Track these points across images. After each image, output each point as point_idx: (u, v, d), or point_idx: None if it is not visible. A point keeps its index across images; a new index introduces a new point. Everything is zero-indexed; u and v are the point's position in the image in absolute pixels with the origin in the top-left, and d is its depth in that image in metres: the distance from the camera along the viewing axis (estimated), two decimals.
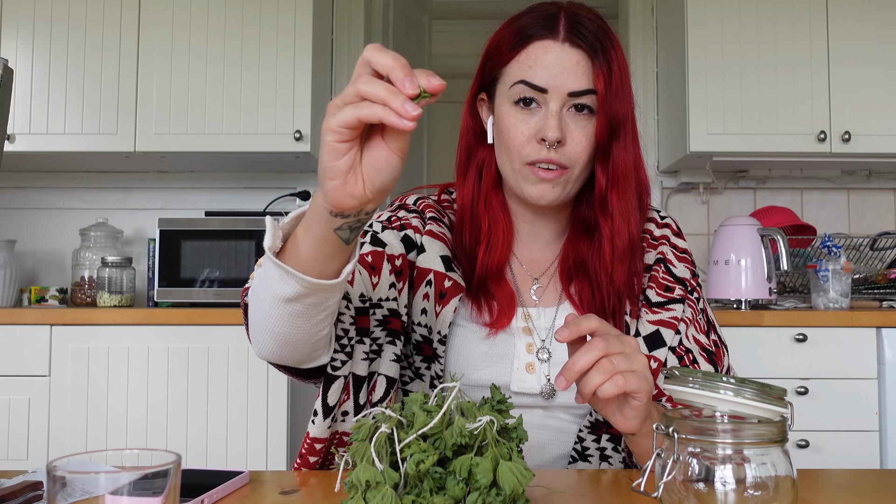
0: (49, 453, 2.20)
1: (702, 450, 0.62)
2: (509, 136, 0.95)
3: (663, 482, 0.62)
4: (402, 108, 0.59)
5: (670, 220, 1.10)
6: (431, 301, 0.97)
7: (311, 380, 0.93)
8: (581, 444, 0.98)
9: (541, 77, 0.92)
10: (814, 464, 2.17)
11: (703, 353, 1.00)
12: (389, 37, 3.13)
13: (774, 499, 0.61)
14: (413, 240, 1.00)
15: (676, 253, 1.06)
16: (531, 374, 0.98)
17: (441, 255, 1.00)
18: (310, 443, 0.91)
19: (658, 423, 0.65)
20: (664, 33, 2.90)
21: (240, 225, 2.45)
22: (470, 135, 1.04)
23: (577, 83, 0.92)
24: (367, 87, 0.61)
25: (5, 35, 2.54)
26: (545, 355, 0.99)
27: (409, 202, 1.06)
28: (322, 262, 0.72)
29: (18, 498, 0.69)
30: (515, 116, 0.95)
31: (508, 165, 0.97)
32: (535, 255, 1.07)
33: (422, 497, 0.64)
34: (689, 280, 1.04)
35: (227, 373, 2.22)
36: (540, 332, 1.01)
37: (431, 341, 0.97)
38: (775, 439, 0.62)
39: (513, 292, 1.01)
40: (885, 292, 2.52)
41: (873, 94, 2.54)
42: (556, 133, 0.91)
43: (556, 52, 0.92)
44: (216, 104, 2.52)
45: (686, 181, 2.90)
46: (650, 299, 1.01)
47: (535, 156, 0.93)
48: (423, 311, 0.97)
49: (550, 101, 0.93)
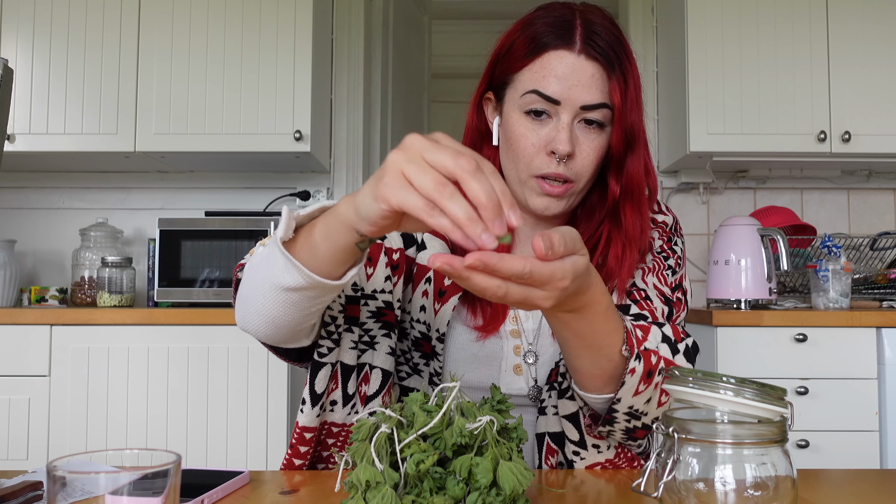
0: (49, 453, 2.20)
1: (702, 450, 0.62)
2: (518, 146, 0.94)
3: (663, 482, 0.62)
4: (479, 238, 0.57)
5: (666, 210, 1.10)
6: (430, 298, 0.97)
7: (295, 362, 0.95)
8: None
9: (554, 88, 0.91)
10: (814, 464, 2.17)
11: (661, 297, 0.99)
12: (389, 37, 3.13)
13: (774, 499, 0.61)
14: (413, 235, 1.00)
15: (654, 227, 1.05)
16: (519, 375, 0.99)
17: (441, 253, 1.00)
18: (299, 432, 0.92)
19: (658, 422, 0.65)
20: (664, 33, 2.90)
21: (240, 225, 2.45)
22: (475, 133, 1.03)
23: (590, 96, 0.91)
24: (449, 202, 0.57)
25: (5, 35, 2.54)
26: (531, 359, 0.99)
27: None
28: (333, 265, 0.73)
29: (18, 498, 0.69)
30: (525, 126, 0.93)
31: (514, 174, 0.97)
32: None
33: (422, 497, 0.64)
34: (664, 244, 1.04)
35: (227, 373, 2.22)
36: (528, 334, 1.01)
37: (430, 338, 0.97)
38: (775, 439, 0.62)
39: None
40: (885, 292, 2.52)
41: (873, 94, 2.54)
42: (567, 147, 0.91)
43: (571, 63, 0.91)
44: (216, 104, 2.52)
45: (686, 181, 2.90)
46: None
47: (545, 169, 0.93)
48: (423, 308, 0.97)
49: (562, 113, 0.91)
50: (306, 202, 2.84)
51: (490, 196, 0.57)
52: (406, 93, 3.39)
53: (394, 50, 3.18)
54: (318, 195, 2.85)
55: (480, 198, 0.57)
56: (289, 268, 0.73)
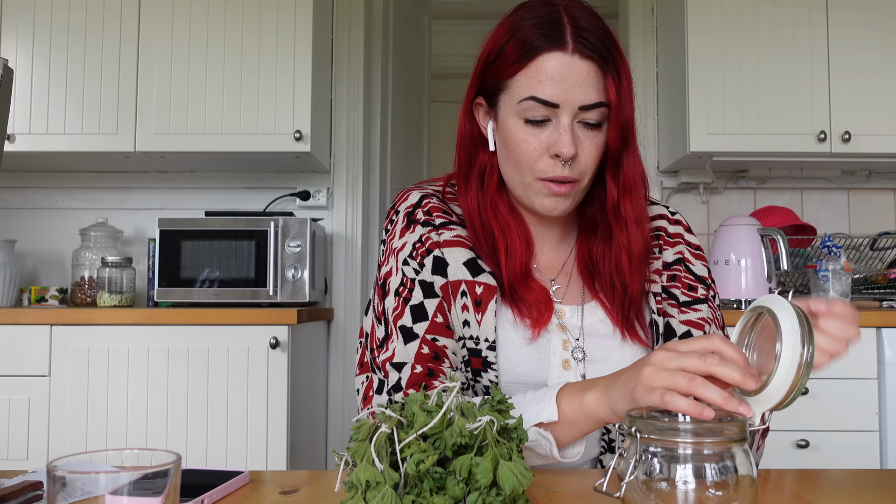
0: (49, 453, 2.20)
1: (663, 449, 0.62)
2: (520, 152, 0.94)
3: (626, 482, 0.63)
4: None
5: (680, 217, 1.11)
6: (471, 311, 0.97)
7: None
8: (608, 434, 0.99)
9: (551, 92, 0.90)
10: (814, 464, 2.17)
11: (717, 324, 1.06)
12: (389, 37, 3.13)
13: (735, 498, 0.62)
14: (439, 257, 1.00)
15: (692, 251, 1.08)
16: (567, 370, 0.98)
17: (464, 262, 0.99)
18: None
19: (621, 422, 0.67)
20: (664, 33, 2.90)
21: (240, 225, 2.45)
22: (468, 140, 1.03)
23: (587, 96, 0.91)
24: (703, 390, 0.71)
25: (5, 35, 2.54)
26: (580, 354, 0.99)
27: (416, 208, 1.04)
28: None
29: (18, 498, 0.69)
30: (526, 131, 0.93)
31: (518, 179, 0.97)
32: (547, 255, 1.06)
33: (422, 497, 0.64)
34: (708, 278, 1.07)
35: (227, 373, 2.22)
36: (572, 330, 1.00)
37: (479, 351, 0.96)
38: (735, 439, 0.62)
39: (545, 290, 1.00)
40: (885, 292, 2.52)
41: (873, 94, 2.54)
42: (571, 150, 0.91)
43: (565, 64, 0.90)
44: (216, 104, 2.52)
45: (686, 181, 2.90)
46: (678, 298, 1.03)
47: (550, 172, 0.93)
48: (466, 324, 0.97)
49: (562, 116, 0.91)
50: (306, 202, 2.84)
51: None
52: (406, 93, 3.39)
53: (394, 50, 3.18)
54: (318, 195, 2.85)
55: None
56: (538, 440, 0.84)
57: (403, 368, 0.95)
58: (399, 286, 0.99)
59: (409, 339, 0.96)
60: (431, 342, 0.96)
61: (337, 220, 2.87)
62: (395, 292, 1.00)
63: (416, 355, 0.95)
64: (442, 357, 0.96)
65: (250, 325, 2.22)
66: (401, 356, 0.96)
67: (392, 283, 1.00)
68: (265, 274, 2.42)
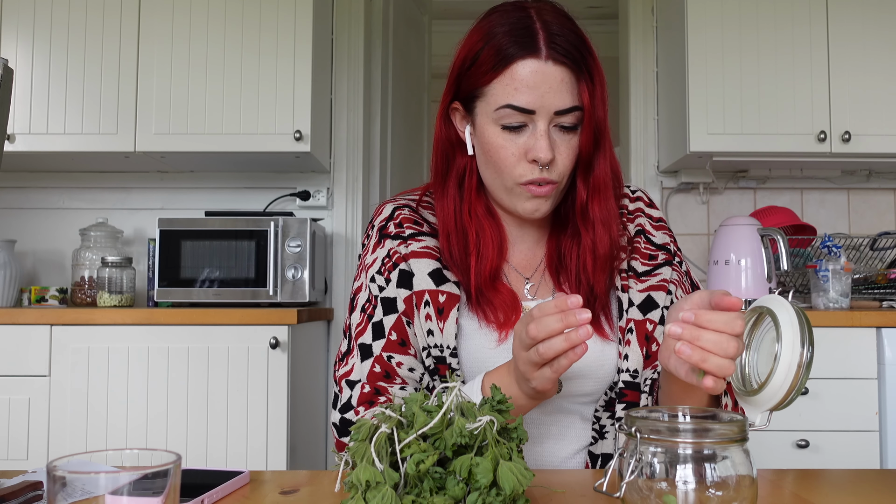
0: (49, 453, 2.20)
1: (663, 449, 0.62)
2: (499, 157, 0.96)
3: (626, 482, 0.63)
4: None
5: (641, 193, 1.13)
6: (434, 320, 0.99)
7: None
8: (598, 423, 1.00)
9: (527, 99, 0.92)
10: (814, 464, 2.17)
11: None
12: (389, 37, 3.13)
13: (735, 498, 0.62)
14: (405, 270, 1.02)
15: (652, 223, 1.09)
16: None
17: (429, 272, 1.01)
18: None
19: (621, 423, 0.67)
20: (664, 33, 2.90)
21: (240, 225, 2.45)
22: (446, 143, 1.04)
23: (562, 101, 0.93)
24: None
25: (5, 35, 2.54)
26: None
27: (388, 221, 1.07)
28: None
29: (18, 498, 0.69)
30: (503, 137, 0.95)
31: (500, 183, 0.99)
32: (524, 254, 1.08)
33: (422, 497, 0.64)
34: (670, 244, 1.08)
35: (227, 373, 2.22)
36: None
37: (444, 358, 0.98)
38: (735, 439, 0.63)
39: (513, 292, 1.02)
40: (885, 292, 2.52)
41: (873, 94, 2.54)
42: (548, 154, 0.93)
43: (539, 70, 0.92)
44: (216, 104, 2.52)
45: (686, 181, 2.90)
46: (636, 270, 1.04)
47: (529, 176, 0.95)
48: (430, 332, 0.99)
49: (538, 121, 0.94)
50: (306, 202, 2.84)
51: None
52: (406, 93, 3.39)
53: (394, 50, 3.18)
54: (318, 195, 2.85)
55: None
56: None
57: (356, 387, 1.00)
58: (365, 303, 1.04)
59: (366, 356, 1.01)
60: (385, 360, 0.99)
61: (337, 220, 2.87)
62: (360, 308, 1.04)
63: (368, 374, 1.00)
64: (393, 375, 0.99)
65: (250, 325, 2.22)
66: (356, 374, 1.00)
67: (360, 299, 1.05)
68: (265, 274, 2.43)
